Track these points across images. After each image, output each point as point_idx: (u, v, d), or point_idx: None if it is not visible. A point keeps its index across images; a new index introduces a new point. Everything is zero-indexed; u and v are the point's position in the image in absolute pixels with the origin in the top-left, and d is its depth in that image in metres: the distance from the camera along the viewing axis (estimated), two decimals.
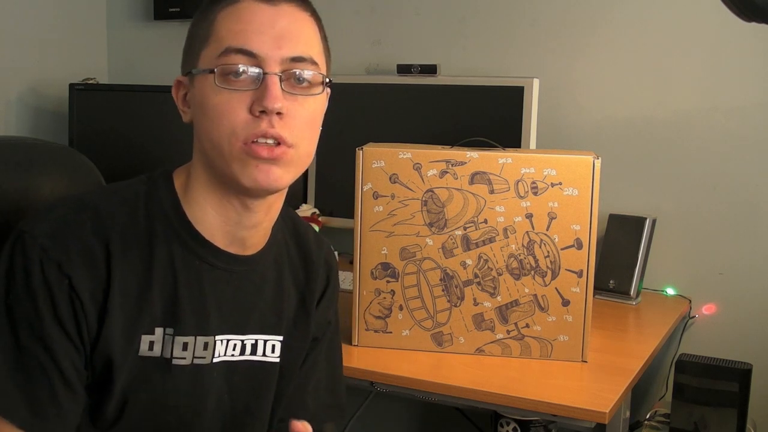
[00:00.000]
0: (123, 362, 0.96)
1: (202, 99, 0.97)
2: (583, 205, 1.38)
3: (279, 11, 0.96)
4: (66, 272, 0.92)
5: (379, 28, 2.16)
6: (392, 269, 1.44)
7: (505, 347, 1.42)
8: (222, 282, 1.03)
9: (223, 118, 0.94)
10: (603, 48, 1.94)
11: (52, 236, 0.93)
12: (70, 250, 0.93)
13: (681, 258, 1.90)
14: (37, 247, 0.92)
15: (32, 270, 0.92)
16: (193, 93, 0.99)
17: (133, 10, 2.45)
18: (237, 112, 0.94)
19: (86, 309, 0.93)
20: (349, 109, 1.97)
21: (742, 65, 1.82)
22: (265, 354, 1.08)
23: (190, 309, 1.00)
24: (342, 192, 1.54)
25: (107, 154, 2.12)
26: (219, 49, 0.95)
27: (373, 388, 1.39)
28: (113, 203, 0.99)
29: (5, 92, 2.20)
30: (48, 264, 0.92)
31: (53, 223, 0.95)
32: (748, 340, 1.82)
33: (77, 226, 0.95)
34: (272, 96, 0.93)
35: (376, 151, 1.42)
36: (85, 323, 0.94)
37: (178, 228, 1.00)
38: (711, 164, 1.86)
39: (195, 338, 1.01)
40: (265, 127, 0.94)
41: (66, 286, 0.92)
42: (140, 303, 0.97)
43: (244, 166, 0.95)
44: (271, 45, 0.95)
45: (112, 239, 0.95)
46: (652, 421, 1.72)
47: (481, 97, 1.87)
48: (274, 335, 1.09)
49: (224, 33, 0.96)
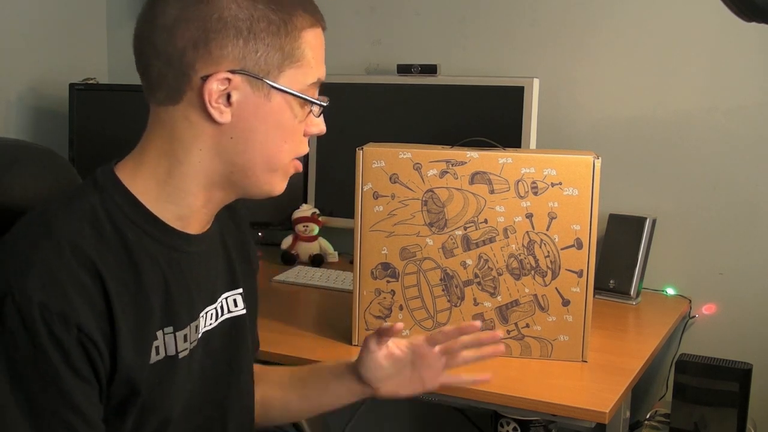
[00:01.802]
0: (140, 377, 0.96)
1: (282, 119, 0.98)
2: (583, 205, 1.38)
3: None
4: (72, 320, 0.88)
5: (379, 28, 2.16)
6: (392, 269, 1.44)
7: (506, 347, 1.42)
8: (196, 263, 1.04)
9: (296, 139, 1.01)
10: (603, 48, 1.95)
11: (45, 288, 0.88)
12: (69, 295, 0.88)
13: (681, 258, 1.90)
14: (35, 306, 0.87)
15: (37, 330, 0.87)
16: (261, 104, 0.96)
17: (133, 10, 2.44)
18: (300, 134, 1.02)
19: (99, 347, 0.91)
20: (349, 109, 1.97)
21: (742, 65, 1.82)
22: (230, 310, 1.11)
23: (181, 302, 1.01)
24: (342, 192, 1.54)
25: (107, 154, 2.11)
26: (310, 76, 0.99)
27: None
28: (80, 228, 0.93)
29: (5, 92, 2.20)
30: (52, 318, 0.87)
31: (40, 273, 0.88)
32: (748, 340, 1.82)
33: (65, 268, 0.89)
34: (323, 124, 1.03)
35: (376, 151, 1.42)
36: (100, 360, 0.91)
37: (149, 228, 0.98)
38: (711, 164, 1.86)
39: (189, 327, 1.02)
40: (307, 149, 1.04)
41: (75, 333, 0.88)
42: (141, 316, 0.96)
43: (283, 179, 1.03)
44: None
45: (98, 264, 0.91)
46: (652, 421, 1.72)
47: (481, 97, 1.87)
48: (234, 290, 1.13)
49: (315, 62, 0.99)
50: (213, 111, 0.95)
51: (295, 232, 2.06)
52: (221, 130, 0.97)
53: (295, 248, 2.06)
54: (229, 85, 0.94)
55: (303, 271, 1.94)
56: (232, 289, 1.13)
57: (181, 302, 1.01)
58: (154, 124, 1.01)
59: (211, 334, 1.08)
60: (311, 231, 2.05)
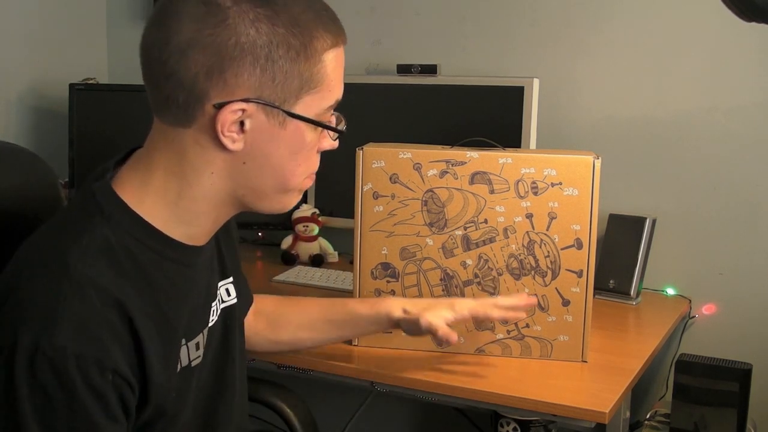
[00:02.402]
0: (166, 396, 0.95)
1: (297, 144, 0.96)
2: (583, 205, 1.38)
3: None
4: (108, 366, 0.85)
5: (379, 28, 2.16)
6: (392, 269, 1.44)
7: (505, 347, 1.42)
8: (204, 271, 1.04)
9: (309, 159, 0.99)
10: (603, 48, 1.94)
11: (78, 337, 0.84)
12: (102, 339, 0.85)
13: (681, 258, 1.90)
14: (70, 357, 0.82)
15: (73, 382, 0.83)
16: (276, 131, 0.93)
17: (133, 10, 2.45)
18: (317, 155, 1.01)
19: (132, 385, 0.89)
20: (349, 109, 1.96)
21: (742, 65, 1.82)
22: (224, 300, 1.12)
23: (194, 314, 1.02)
24: (342, 192, 1.54)
25: (107, 154, 2.11)
26: (330, 99, 0.97)
27: (373, 388, 1.39)
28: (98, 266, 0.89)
29: (5, 92, 2.20)
30: (88, 368, 0.83)
31: (69, 322, 0.84)
32: (748, 340, 1.82)
33: (92, 312, 0.86)
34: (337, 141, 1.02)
35: (376, 151, 1.42)
36: (132, 397, 0.89)
37: (160, 249, 0.95)
38: (711, 164, 1.86)
39: (201, 333, 1.03)
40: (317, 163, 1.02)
41: (110, 378, 0.85)
42: (165, 339, 0.95)
43: (297, 196, 1.01)
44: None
45: (121, 301, 0.88)
46: (652, 421, 1.72)
47: (481, 97, 1.87)
48: (226, 279, 1.13)
49: (334, 82, 0.97)
50: (225, 140, 0.91)
51: (295, 232, 2.06)
52: (234, 155, 0.93)
53: (295, 248, 2.06)
54: (243, 114, 0.90)
55: (303, 271, 1.94)
56: (225, 278, 1.13)
57: (194, 312, 1.01)
58: (161, 142, 0.95)
59: (215, 328, 1.09)
60: (311, 231, 2.05)
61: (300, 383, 1.47)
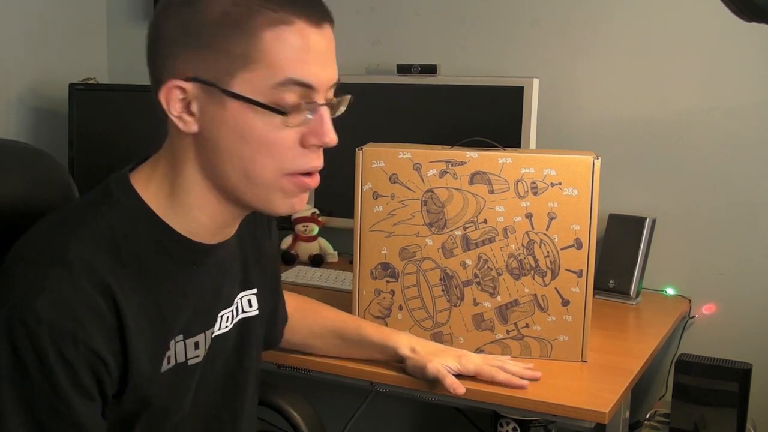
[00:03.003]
0: (153, 388, 0.96)
1: (243, 128, 0.90)
2: (583, 205, 1.38)
3: (324, 35, 0.93)
4: (81, 339, 0.87)
5: (379, 28, 2.16)
6: (392, 269, 1.44)
7: (505, 347, 1.42)
8: (214, 271, 1.04)
9: (275, 152, 0.91)
10: (603, 48, 1.94)
11: (56, 307, 0.86)
12: (79, 314, 0.87)
13: (681, 258, 1.90)
14: (44, 325, 0.85)
15: (45, 350, 0.85)
16: (218, 113, 0.91)
17: (133, 10, 2.45)
18: (289, 147, 0.92)
19: (109, 365, 0.90)
20: (349, 109, 1.96)
21: (742, 65, 1.82)
22: (244, 311, 1.12)
23: (195, 311, 1.01)
24: (342, 192, 1.54)
25: (107, 154, 2.12)
26: (274, 77, 0.89)
27: (373, 388, 1.39)
28: (94, 246, 0.91)
29: (5, 92, 2.20)
30: (61, 338, 0.86)
31: (51, 292, 0.87)
32: (748, 340, 1.82)
33: (77, 287, 0.88)
34: (332, 132, 0.94)
35: (376, 151, 1.42)
36: (108, 378, 0.91)
37: (163, 242, 0.96)
38: (711, 164, 1.86)
39: (203, 334, 1.03)
40: (317, 162, 0.95)
41: (84, 353, 0.87)
42: (156, 331, 0.95)
43: (287, 197, 0.95)
44: (323, 75, 0.93)
45: (111, 284, 0.90)
46: (652, 421, 1.72)
47: (481, 97, 1.87)
48: (249, 290, 1.13)
49: (281, 60, 0.89)
50: (177, 121, 0.92)
51: (295, 232, 2.06)
52: (198, 141, 0.93)
53: (294, 248, 2.06)
54: (184, 93, 0.91)
55: (303, 271, 1.94)
56: (247, 289, 1.13)
57: (195, 311, 1.01)
58: (168, 134, 0.99)
59: (228, 336, 1.08)
60: (311, 231, 2.05)
61: (300, 383, 1.47)
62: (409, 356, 1.31)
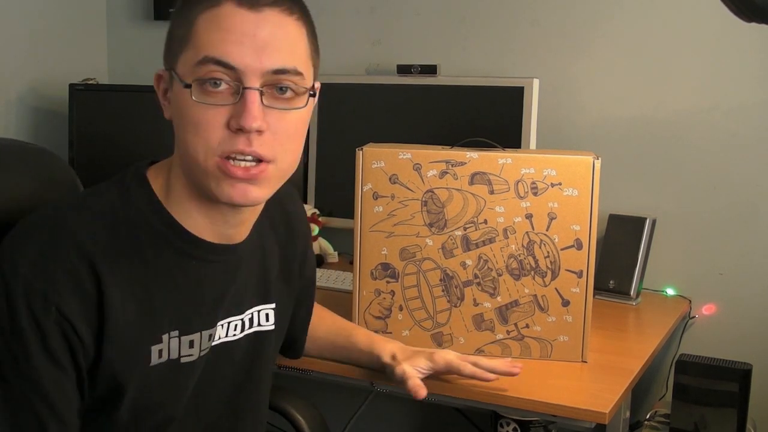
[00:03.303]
0: (131, 376, 0.95)
1: (179, 107, 0.94)
2: (583, 205, 1.38)
3: (262, 18, 0.91)
4: (53, 300, 0.88)
5: (379, 28, 2.16)
6: (392, 269, 1.44)
7: (505, 347, 1.42)
8: (218, 273, 1.03)
9: (199, 131, 0.91)
10: (603, 48, 1.94)
11: (34, 265, 0.89)
12: (55, 276, 0.89)
13: (681, 258, 1.90)
14: (20, 280, 0.88)
15: (16, 304, 0.88)
16: (173, 93, 0.96)
17: (133, 10, 2.45)
18: (214, 126, 0.91)
19: (80, 333, 0.90)
20: (349, 109, 1.97)
21: (742, 65, 1.82)
22: (260, 324, 1.11)
23: (193, 308, 1.01)
24: (342, 192, 1.54)
25: (107, 154, 2.12)
26: (197, 56, 0.91)
27: (373, 388, 1.39)
28: (90, 222, 0.94)
29: (5, 92, 2.20)
30: (33, 296, 0.88)
31: (32, 252, 0.90)
32: (748, 340, 1.82)
33: (58, 252, 0.90)
34: (251, 115, 0.90)
35: (376, 152, 1.42)
36: (81, 348, 0.91)
37: (165, 232, 0.97)
38: (711, 164, 1.86)
39: (200, 334, 1.02)
40: (243, 146, 0.91)
41: (54, 315, 0.89)
42: (143, 316, 0.95)
43: (219, 183, 0.93)
44: (252, 57, 0.90)
45: (97, 260, 0.91)
46: (652, 421, 1.72)
47: (481, 97, 1.87)
48: (267, 304, 1.12)
49: (203, 40, 0.91)
50: (162, 108, 0.99)
51: None
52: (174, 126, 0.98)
53: None
54: (161, 81, 0.98)
55: None
56: (264, 303, 1.12)
57: (192, 308, 1.01)
58: None
59: (235, 345, 1.08)
60: (311, 231, 2.05)
61: (300, 383, 1.47)
62: (389, 363, 1.29)
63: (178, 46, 0.94)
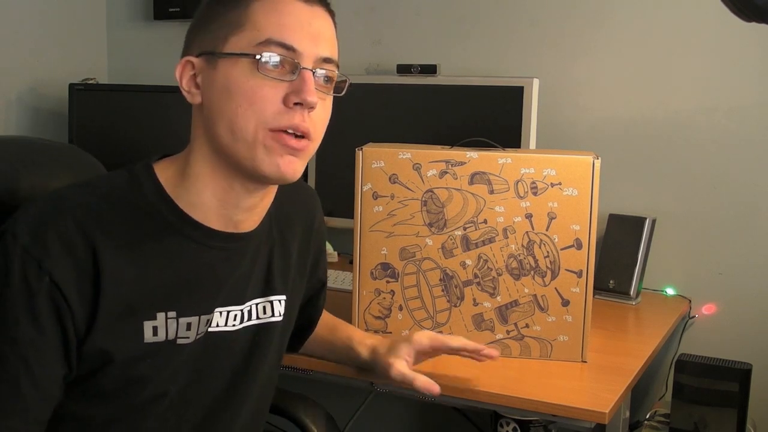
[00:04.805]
0: (121, 347, 0.98)
1: (229, 83, 0.97)
2: (583, 205, 1.38)
3: (314, 11, 1.00)
4: (47, 269, 0.92)
5: (379, 28, 2.16)
6: (392, 269, 1.44)
7: (505, 347, 1.42)
8: (220, 260, 1.05)
9: (255, 103, 0.96)
10: (603, 48, 1.94)
11: (32, 234, 0.93)
12: (51, 246, 0.93)
13: (681, 258, 1.90)
14: (18, 246, 0.93)
15: (12, 269, 0.92)
16: (213, 76, 0.99)
17: (133, 10, 2.45)
18: (271, 99, 0.97)
19: (71, 302, 0.93)
20: (349, 109, 1.96)
21: (742, 65, 1.82)
22: (260, 317, 1.12)
23: (190, 291, 1.03)
24: (342, 192, 1.54)
25: (107, 154, 2.10)
26: (258, 38, 0.97)
27: (373, 388, 1.39)
28: (93, 198, 0.99)
29: (5, 92, 2.20)
30: (28, 263, 0.92)
31: (32, 221, 0.95)
32: (748, 340, 1.82)
33: (58, 223, 0.94)
34: (311, 90, 0.97)
35: (375, 152, 1.42)
36: (71, 317, 0.94)
37: (167, 215, 1.01)
38: (711, 164, 1.86)
39: (198, 318, 1.04)
40: (299, 120, 0.97)
41: (47, 283, 0.92)
42: (137, 292, 0.98)
43: (269, 154, 0.98)
44: (309, 42, 0.99)
45: (96, 235, 0.95)
46: (652, 421, 1.72)
47: (481, 97, 1.87)
48: (278, 295, 1.14)
49: (264, 24, 0.97)
50: (186, 94, 1.02)
51: None
52: (202, 111, 1.01)
53: None
54: (192, 68, 1.01)
55: None
56: (267, 295, 1.13)
57: (190, 291, 1.02)
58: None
59: (234, 336, 1.09)
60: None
61: (300, 383, 1.47)
62: (372, 359, 1.28)
63: (227, 29, 0.98)
